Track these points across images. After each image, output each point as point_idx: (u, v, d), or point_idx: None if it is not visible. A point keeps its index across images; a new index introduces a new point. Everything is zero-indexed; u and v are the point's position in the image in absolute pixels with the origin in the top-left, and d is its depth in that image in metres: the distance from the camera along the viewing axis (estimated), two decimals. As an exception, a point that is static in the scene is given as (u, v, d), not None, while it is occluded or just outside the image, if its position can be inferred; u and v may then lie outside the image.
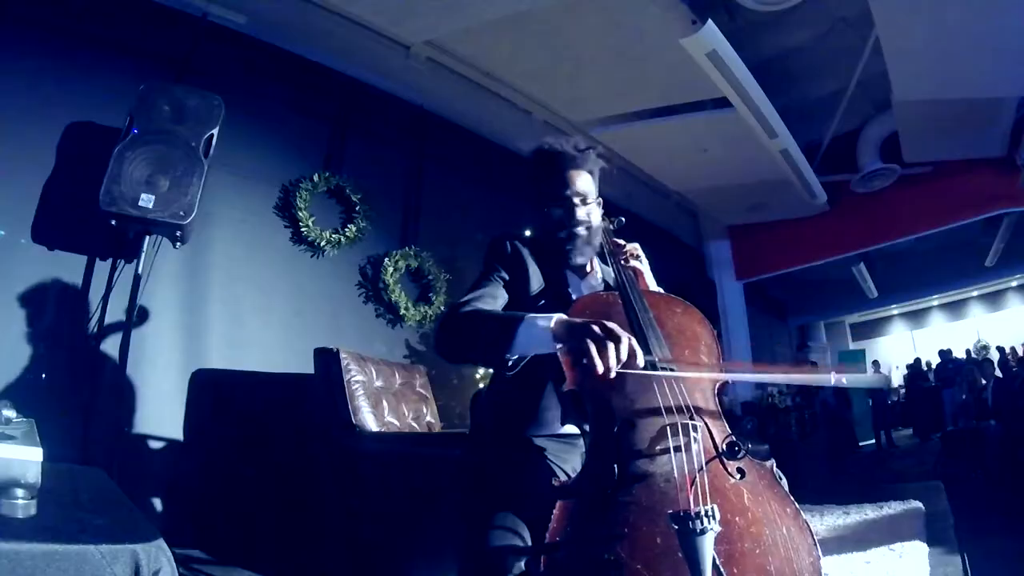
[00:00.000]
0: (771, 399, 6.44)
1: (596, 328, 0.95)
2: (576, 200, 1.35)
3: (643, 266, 1.43)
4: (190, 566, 2.23)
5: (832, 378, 1.08)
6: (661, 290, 1.43)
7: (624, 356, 0.93)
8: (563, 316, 1.03)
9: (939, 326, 12.17)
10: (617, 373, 0.94)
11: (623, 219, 1.47)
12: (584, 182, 1.37)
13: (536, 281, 1.33)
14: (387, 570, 2.18)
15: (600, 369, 0.92)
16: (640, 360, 0.96)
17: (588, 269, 1.43)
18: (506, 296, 1.31)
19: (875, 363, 10.04)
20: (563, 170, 1.36)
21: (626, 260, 1.39)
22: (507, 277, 1.33)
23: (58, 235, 2.61)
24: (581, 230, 1.36)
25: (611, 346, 0.92)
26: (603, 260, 1.43)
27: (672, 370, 1.05)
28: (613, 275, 1.33)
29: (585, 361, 0.93)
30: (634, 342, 0.96)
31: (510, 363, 1.07)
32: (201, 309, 3.02)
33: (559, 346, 1.00)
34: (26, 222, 2.56)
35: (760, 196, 6.36)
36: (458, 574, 1.06)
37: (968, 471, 5.01)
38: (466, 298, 1.26)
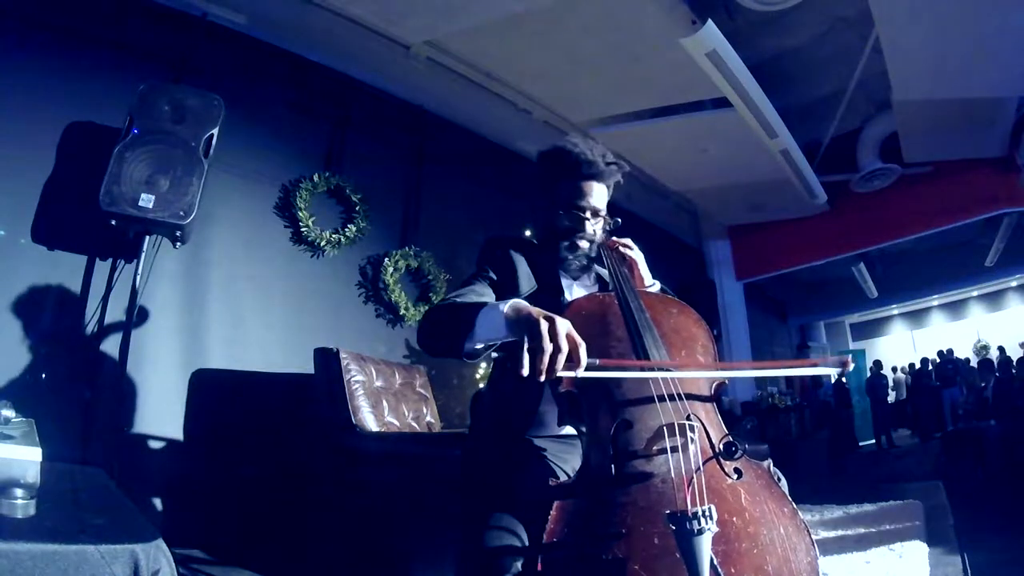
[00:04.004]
0: (771, 399, 6.43)
1: (543, 326, 0.90)
2: (588, 214, 1.34)
3: (637, 256, 1.42)
4: (190, 566, 2.23)
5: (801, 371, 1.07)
6: (657, 283, 1.43)
7: (559, 366, 0.89)
8: (519, 303, 1.00)
9: (939, 326, 12.17)
10: (552, 379, 0.91)
11: (619, 220, 1.47)
12: (600, 195, 1.36)
13: (527, 282, 1.33)
14: (387, 570, 2.18)
15: (524, 372, 0.88)
16: (581, 367, 0.91)
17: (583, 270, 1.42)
18: (493, 296, 1.30)
19: (876, 363, 10.03)
20: (584, 179, 1.33)
21: (621, 257, 1.39)
22: (495, 278, 1.33)
23: (58, 235, 2.61)
24: (584, 243, 1.35)
25: (547, 351, 0.88)
26: (597, 261, 1.42)
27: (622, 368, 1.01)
28: (607, 275, 1.33)
29: (518, 359, 0.89)
30: (580, 349, 0.91)
31: (473, 352, 1.06)
32: (201, 309, 3.02)
33: (513, 337, 0.96)
34: (26, 222, 2.56)
35: (760, 196, 6.36)
36: (456, 574, 1.06)
37: (968, 471, 5.01)
38: (447, 296, 1.26)
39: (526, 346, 0.89)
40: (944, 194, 6.30)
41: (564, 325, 0.91)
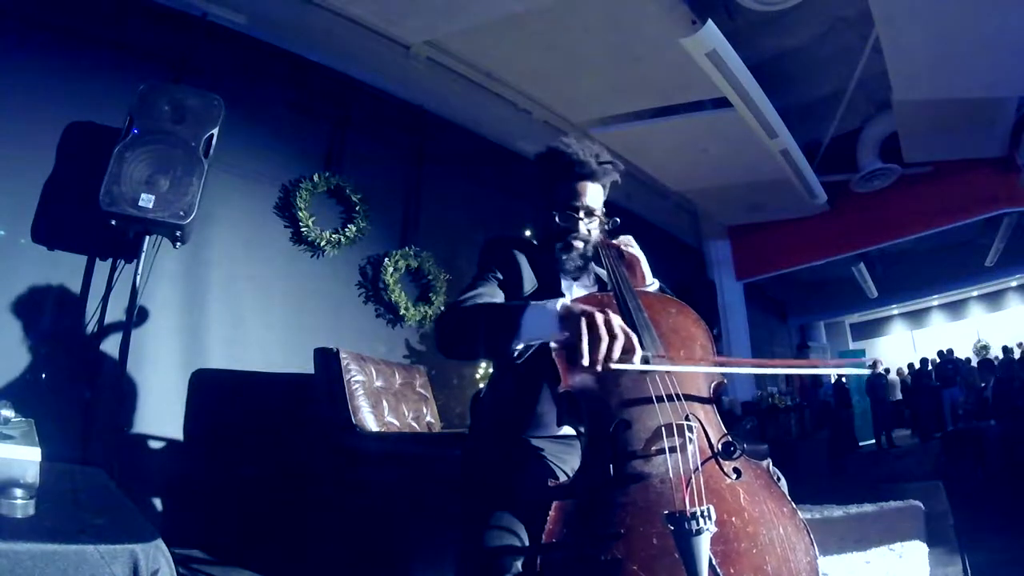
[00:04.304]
0: (771, 399, 6.43)
1: (598, 318, 0.95)
2: (582, 214, 1.36)
3: (638, 253, 1.42)
4: (190, 566, 2.23)
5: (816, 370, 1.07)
6: (656, 281, 1.43)
7: (616, 355, 0.94)
8: (567, 301, 1.04)
9: (939, 326, 12.18)
10: (609, 370, 0.95)
11: (618, 220, 1.47)
12: (595, 195, 1.37)
13: (529, 282, 1.34)
14: (387, 570, 2.18)
15: (586, 361, 0.93)
16: (637, 359, 0.96)
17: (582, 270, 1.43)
18: (502, 295, 1.31)
19: (877, 362, 10.01)
20: (578, 179, 1.35)
21: (620, 256, 1.39)
22: (501, 277, 1.33)
23: (58, 235, 2.61)
24: (579, 243, 1.36)
25: (604, 340, 0.93)
26: (596, 261, 1.43)
27: (658, 363, 1.04)
28: (606, 275, 1.33)
29: (578, 350, 0.94)
30: (634, 339, 0.97)
31: (516, 352, 1.06)
32: (201, 309, 3.02)
33: (564, 334, 1.00)
34: (26, 222, 2.56)
35: (760, 196, 6.36)
36: (456, 574, 1.06)
37: (968, 471, 5.01)
38: (464, 296, 1.26)
39: (585, 338, 0.94)
40: (944, 194, 6.31)
41: (617, 318, 0.97)
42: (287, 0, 3.43)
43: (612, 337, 0.94)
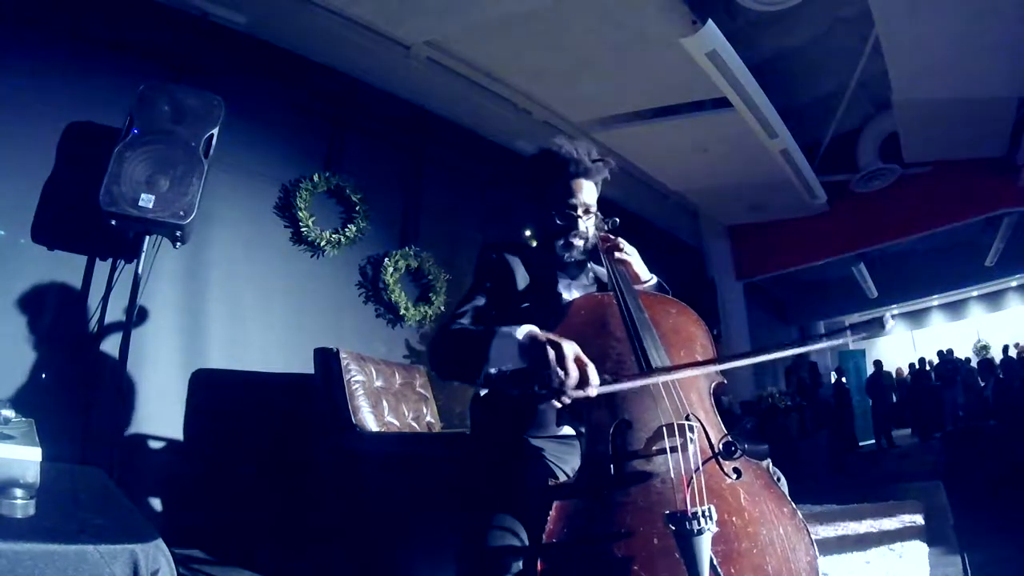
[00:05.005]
0: (771, 399, 6.42)
1: (550, 355, 0.94)
2: (580, 211, 1.36)
3: (631, 256, 1.42)
4: (190, 566, 2.23)
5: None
6: (654, 277, 1.44)
7: (567, 392, 0.93)
8: (532, 329, 1.03)
9: (939, 326, 12.19)
10: (564, 404, 0.95)
11: (617, 220, 1.48)
12: (590, 192, 1.38)
13: (524, 284, 1.34)
14: (387, 570, 2.18)
15: (540, 402, 0.94)
16: (594, 383, 0.94)
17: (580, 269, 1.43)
18: (494, 306, 1.32)
19: (876, 363, 10.03)
20: (572, 177, 1.36)
21: (617, 258, 1.39)
22: (493, 286, 1.35)
23: (58, 235, 2.61)
24: (578, 241, 1.37)
25: (556, 381, 0.93)
26: (595, 259, 1.43)
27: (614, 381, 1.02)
28: (606, 274, 1.33)
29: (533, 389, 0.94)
30: (589, 370, 0.95)
31: (489, 378, 1.08)
32: (201, 309, 3.02)
33: (525, 364, 1.01)
34: (26, 222, 2.56)
35: (760, 196, 6.35)
36: (456, 574, 1.06)
37: (968, 471, 5.01)
38: (454, 314, 1.28)
39: (543, 378, 0.94)
40: (944, 194, 6.30)
41: (571, 349, 0.95)
42: (287, 0, 3.43)
43: (566, 374, 0.93)
